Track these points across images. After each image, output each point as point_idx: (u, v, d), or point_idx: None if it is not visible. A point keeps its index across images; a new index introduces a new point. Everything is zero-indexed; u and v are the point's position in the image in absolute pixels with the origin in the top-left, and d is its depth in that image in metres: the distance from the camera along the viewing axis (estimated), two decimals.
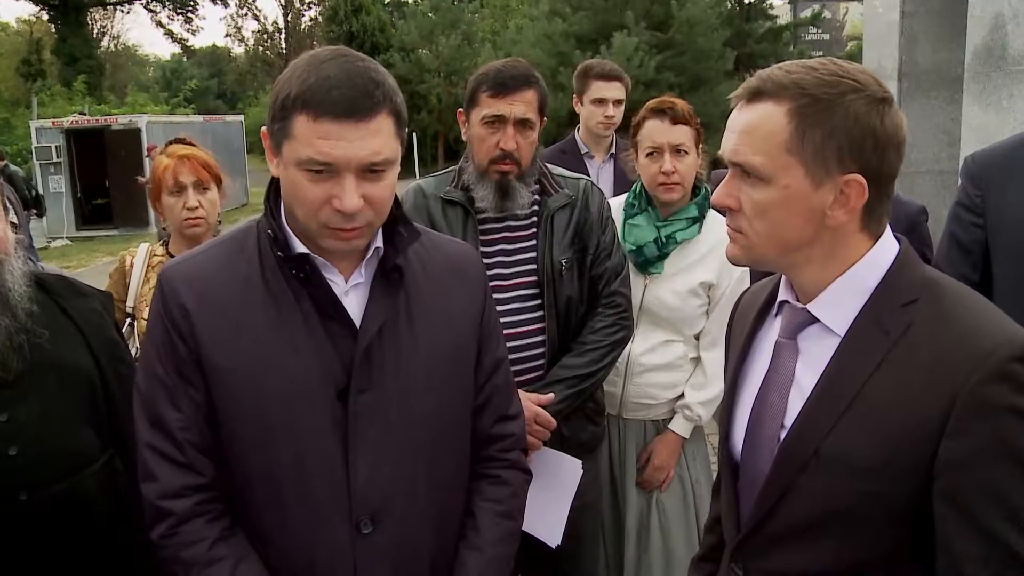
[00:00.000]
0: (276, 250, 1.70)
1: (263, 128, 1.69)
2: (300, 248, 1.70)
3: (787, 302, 1.54)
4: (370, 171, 1.60)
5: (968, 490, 1.28)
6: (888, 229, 1.48)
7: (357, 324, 1.71)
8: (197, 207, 2.98)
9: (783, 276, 1.56)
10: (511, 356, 2.60)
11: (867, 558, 1.39)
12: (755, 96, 1.42)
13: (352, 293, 1.74)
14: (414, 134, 33.34)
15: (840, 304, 1.44)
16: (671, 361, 3.09)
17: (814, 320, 1.47)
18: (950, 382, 1.29)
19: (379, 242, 1.74)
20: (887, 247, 1.46)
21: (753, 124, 1.41)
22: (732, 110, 1.48)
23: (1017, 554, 1.25)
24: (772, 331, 1.58)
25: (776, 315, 1.59)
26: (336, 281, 1.73)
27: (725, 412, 1.66)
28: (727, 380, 1.68)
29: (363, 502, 1.70)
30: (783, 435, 1.46)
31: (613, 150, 4.66)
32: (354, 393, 1.68)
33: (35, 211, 16.15)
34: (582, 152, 4.66)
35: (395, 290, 1.75)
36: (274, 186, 1.76)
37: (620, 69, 4.65)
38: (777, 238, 1.43)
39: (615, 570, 3.24)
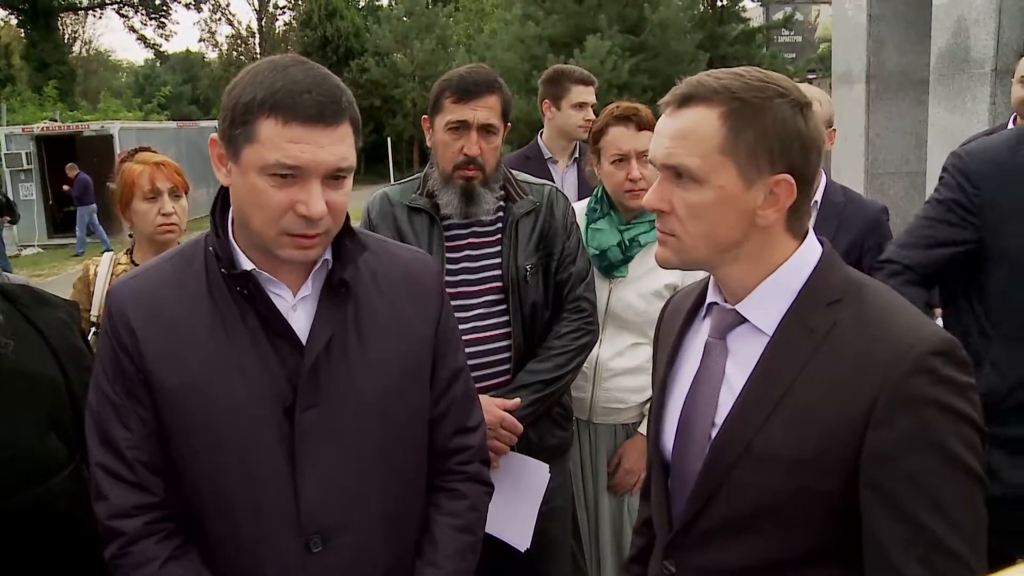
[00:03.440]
0: (220, 267, 1.68)
1: (212, 135, 1.66)
2: (245, 264, 1.68)
3: (716, 303, 1.57)
4: (334, 177, 1.59)
5: (892, 480, 1.32)
6: (812, 232, 1.53)
7: (305, 339, 1.69)
8: (172, 213, 3.00)
9: (711, 279, 1.60)
10: (477, 361, 2.62)
11: (799, 554, 1.42)
12: (686, 101, 1.46)
13: (300, 307, 1.72)
14: (388, 139, 33.28)
15: (768, 304, 1.48)
16: (639, 364, 3.09)
17: (743, 320, 1.51)
18: (874, 376, 1.33)
19: (327, 254, 1.73)
20: (811, 249, 1.50)
21: (687, 128, 1.45)
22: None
23: (941, 540, 1.29)
24: (701, 333, 1.62)
25: (704, 317, 1.63)
26: (283, 295, 1.71)
27: (655, 413, 1.68)
28: (656, 381, 1.71)
29: (312, 520, 1.68)
30: (714, 433, 1.49)
31: (577, 155, 4.66)
32: (299, 411, 1.66)
33: (7, 218, 15.99)
34: (546, 157, 4.65)
35: (342, 303, 1.73)
36: (220, 200, 1.74)
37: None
38: (710, 238, 1.46)
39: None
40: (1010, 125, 4.22)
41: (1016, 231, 2.53)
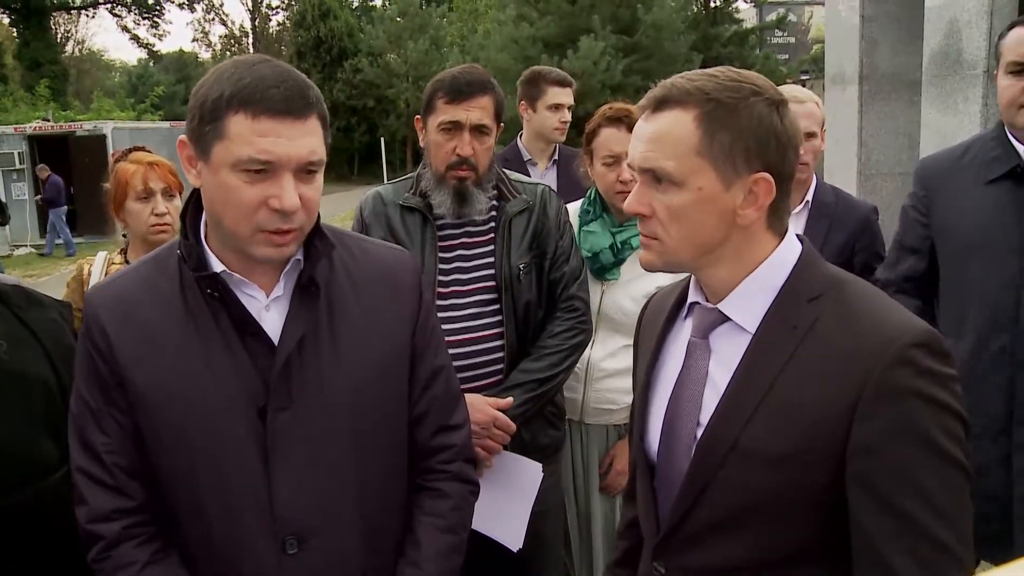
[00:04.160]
0: (189, 269, 1.68)
1: (181, 136, 1.65)
2: (216, 266, 1.68)
3: (697, 303, 1.58)
4: (305, 171, 1.59)
5: (878, 472, 1.32)
6: (791, 231, 1.53)
7: (277, 339, 1.68)
8: (165, 213, 3.00)
9: (692, 279, 1.61)
10: (470, 361, 2.64)
11: (790, 552, 1.43)
12: (661, 105, 1.46)
13: (273, 307, 1.71)
14: (382, 139, 33.25)
15: (749, 302, 1.49)
16: (631, 366, 3.09)
17: (725, 319, 1.52)
18: (857, 370, 1.34)
19: (299, 254, 1.72)
20: (791, 247, 1.51)
21: (662, 131, 1.45)
22: (637, 120, 1.52)
23: (928, 530, 1.30)
24: (683, 333, 1.62)
25: (686, 317, 1.63)
26: (256, 296, 1.70)
27: (638, 414, 1.68)
28: (638, 383, 1.71)
29: (287, 522, 1.68)
30: (700, 432, 1.50)
31: (556, 157, 4.66)
32: (272, 412, 1.66)
33: None
34: (525, 159, 4.63)
35: (314, 302, 1.72)
36: (192, 203, 1.74)
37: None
38: (692, 240, 1.47)
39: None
40: None
41: (944, 228, 2.74)
